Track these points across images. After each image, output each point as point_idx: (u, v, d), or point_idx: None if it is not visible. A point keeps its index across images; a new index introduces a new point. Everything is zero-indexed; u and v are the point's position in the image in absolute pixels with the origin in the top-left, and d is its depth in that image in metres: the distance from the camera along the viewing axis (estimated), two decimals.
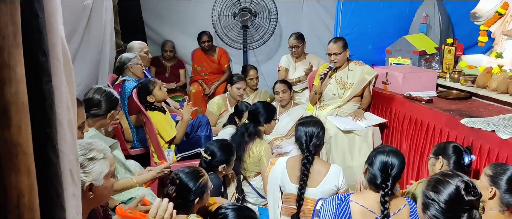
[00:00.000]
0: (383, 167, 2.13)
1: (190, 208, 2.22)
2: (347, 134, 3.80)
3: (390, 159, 2.13)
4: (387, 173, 2.12)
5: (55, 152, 1.02)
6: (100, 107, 2.73)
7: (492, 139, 2.73)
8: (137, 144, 4.04)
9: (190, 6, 6.06)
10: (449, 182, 1.78)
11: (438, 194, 1.78)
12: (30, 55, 0.94)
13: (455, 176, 1.82)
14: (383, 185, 2.12)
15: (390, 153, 2.16)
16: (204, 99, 5.70)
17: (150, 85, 3.67)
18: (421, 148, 3.47)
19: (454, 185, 1.76)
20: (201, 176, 2.28)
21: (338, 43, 4.00)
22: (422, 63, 4.50)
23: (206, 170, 2.56)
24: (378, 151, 2.22)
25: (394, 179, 2.13)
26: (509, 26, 4.12)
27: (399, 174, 2.16)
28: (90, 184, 1.66)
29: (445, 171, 1.95)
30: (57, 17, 1.05)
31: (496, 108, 3.34)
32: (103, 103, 2.73)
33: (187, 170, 2.29)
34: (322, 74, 4.00)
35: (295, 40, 4.99)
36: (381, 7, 5.05)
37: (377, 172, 2.14)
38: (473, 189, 1.76)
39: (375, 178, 2.15)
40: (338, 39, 4.07)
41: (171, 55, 5.88)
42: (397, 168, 2.13)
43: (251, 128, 3.40)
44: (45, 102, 0.99)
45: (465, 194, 1.74)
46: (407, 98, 3.80)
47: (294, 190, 2.73)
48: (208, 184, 2.31)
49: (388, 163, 2.13)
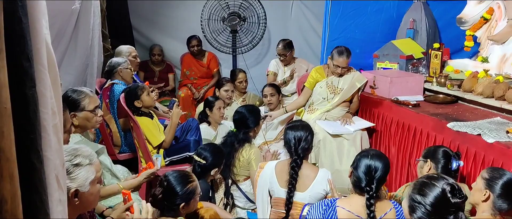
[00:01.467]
0: (367, 170, 2.15)
1: (176, 212, 2.22)
2: (336, 138, 3.81)
3: (374, 162, 2.15)
4: (371, 176, 2.14)
5: (39, 158, 1.02)
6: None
7: (478, 142, 2.76)
8: (125, 149, 4.01)
9: (179, 10, 6.06)
10: (435, 185, 1.81)
11: (425, 197, 1.81)
12: (13, 60, 0.94)
13: (441, 179, 1.84)
14: (368, 188, 2.14)
15: (374, 157, 2.18)
16: (193, 103, 5.69)
17: (138, 90, 3.63)
18: (408, 151, 3.49)
19: (440, 187, 1.79)
20: (190, 181, 2.28)
21: (349, 58, 3.96)
22: (409, 68, 4.55)
23: (200, 175, 2.55)
24: (363, 155, 2.24)
25: (378, 182, 2.14)
26: (494, 31, 4.17)
27: (384, 177, 2.18)
28: (75, 190, 1.65)
29: (431, 174, 1.98)
30: (42, 21, 1.05)
31: (482, 112, 3.38)
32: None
33: (177, 174, 2.29)
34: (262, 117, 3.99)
35: (283, 49, 5.02)
36: (369, 12, 5.09)
37: (362, 175, 2.16)
38: (458, 192, 1.78)
39: (360, 181, 2.17)
40: (350, 54, 3.98)
41: (159, 59, 5.86)
42: (381, 171, 2.15)
43: (241, 136, 3.39)
44: (28, 108, 0.98)
45: (451, 197, 1.77)
46: (394, 102, 3.83)
47: (283, 194, 2.73)
48: (197, 191, 2.31)
49: (372, 166, 2.15)
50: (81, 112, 2.64)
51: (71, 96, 2.65)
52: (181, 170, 2.39)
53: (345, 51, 3.95)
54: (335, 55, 3.96)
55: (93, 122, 2.73)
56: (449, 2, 5.12)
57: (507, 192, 2.08)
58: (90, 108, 2.67)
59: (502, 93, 3.30)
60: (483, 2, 4.20)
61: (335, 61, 3.96)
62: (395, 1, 5.11)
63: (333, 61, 3.97)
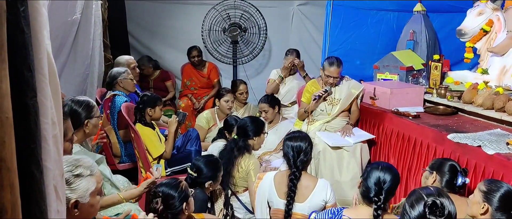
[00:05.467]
0: (377, 181, 2.15)
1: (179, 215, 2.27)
2: (336, 149, 3.80)
3: (384, 174, 2.16)
4: (380, 187, 2.14)
5: (39, 167, 1.01)
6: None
7: (478, 154, 2.75)
8: (125, 159, 4.00)
9: (180, 21, 6.09)
10: (423, 200, 1.85)
11: (412, 209, 1.88)
12: (15, 70, 0.94)
13: (432, 195, 1.86)
14: (376, 198, 2.14)
15: (384, 169, 2.19)
16: (193, 113, 5.69)
17: (158, 101, 3.77)
18: (408, 163, 3.48)
19: (423, 203, 1.82)
20: (179, 182, 2.35)
21: (340, 68, 3.98)
22: (409, 79, 4.55)
23: (191, 186, 2.56)
24: (373, 166, 2.25)
25: (387, 194, 2.14)
26: (494, 43, 4.19)
27: (393, 189, 2.18)
28: (75, 201, 1.64)
29: (430, 188, 1.97)
30: (44, 32, 1.05)
31: (482, 124, 3.38)
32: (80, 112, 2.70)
33: (165, 181, 2.37)
34: (316, 95, 4.00)
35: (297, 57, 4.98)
36: (369, 23, 5.11)
37: (371, 185, 2.16)
38: (440, 210, 1.81)
39: (369, 191, 2.17)
40: (340, 63, 4.01)
41: (150, 71, 5.79)
42: (390, 182, 2.15)
43: (240, 143, 3.40)
44: (29, 117, 0.98)
45: (428, 213, 1.82)
46: (394, 114, 3.83)
47: (282, 205, 2.72)
48: (188, 190, 2.37)
49: (381, 177, 2.16)
50: (92, 119, 2.71)
51: (85, 102, 2.71)
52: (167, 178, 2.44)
53: (335, 60, 3.99)
54: (326, 65, 4.00)
55: (97, 129, 2.80)
56: (449, 14, 5.15)
57: (505, 205, 2.07)
58: (98, 114, 2.77)
59: (502, 105, 3.30)
60: (483, 14, 4.22)
61: (327, 71, 3.99)
62: (395, 13, 5.13)
63: (325, 71, 4.01)
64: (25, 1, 0.96)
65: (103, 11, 4.70)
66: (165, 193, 2.26)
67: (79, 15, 3.87)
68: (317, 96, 3.96)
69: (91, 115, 2.70)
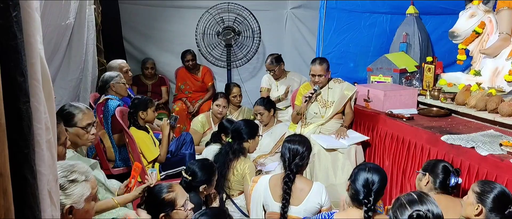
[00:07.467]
0: (365, 182, 2.16)
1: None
2: (330, 152, 3.81)
3: (372, 175, 2.16)
4: (369, 189, 2.15)
5: (33, 173, 1.01)
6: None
7: (472, 155, 2.77)
8: (119, 163, 3.99)
9: (174, 24, 6.08)
10: (407, 210, 1.85)
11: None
12: (7, 75, 0.94)
13: (416, 203, 1.86)
14: (365, 200, 2.14)
15: (371, 170, 2.19)
16: (188, 117, 5.68)
17: (149, 103, 3.76)
18: (403, 165, 3.50)
19: (407, 215, 1.83)
20: (170, 191, 2.39)
21: (323, 65, 4.02)
22: (403, 81, 4.58)
23: (186, 190, 2.55)
24: (360, 168, 2.25)
25: (376, 195, 2.15)
26: (486, 44, 4.22)
27: (381, 190, 2.19)
28: (70, 206, 1.63)
29: (412, 196, 1.94)
30: (36, 36, 1.05)
31: (475, 125, 3.40)
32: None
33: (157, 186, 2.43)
34: (306, 97, 4.01)
35: (271, 64, 5.05)
36: (362, 26, 5.14)
37: (360, 187, 2.16)
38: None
39: (358, 194, 2.17)
40: (323, 60, 4.08)
41: (152, 73, 5.85)
42: (379, 183, 2.16)
43: (235, 146, 3.40)
44: (22, 122, 0.98)
45: None
46: (388, 116, 3.85)
47: (277, 208, 2.72)
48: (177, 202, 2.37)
49: (369, 179, 2.16)
50: (72, 128, 2.60)
51: (66, 110, 2.64)
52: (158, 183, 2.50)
53: (318, 59, 4.10)
54: (310, 65, 4.09)
55: (84, 140, 2.66)
56: (441, 16, 5.19)
57: (499, 206, 2.08)
58: (82, 124, 2.62)
59: (495, 106, 3.32)
60: (475, 16, 4.25)
61: (311, 70, 4.07)
62: (388, 15, 5.16)
63: (310, 71, 4.09)
64: (18, 5, 0.95)
65: (96, 16, 4.68)
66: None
67: (72, 20, 3.85)
68: (307, 97, 3.99)
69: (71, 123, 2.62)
